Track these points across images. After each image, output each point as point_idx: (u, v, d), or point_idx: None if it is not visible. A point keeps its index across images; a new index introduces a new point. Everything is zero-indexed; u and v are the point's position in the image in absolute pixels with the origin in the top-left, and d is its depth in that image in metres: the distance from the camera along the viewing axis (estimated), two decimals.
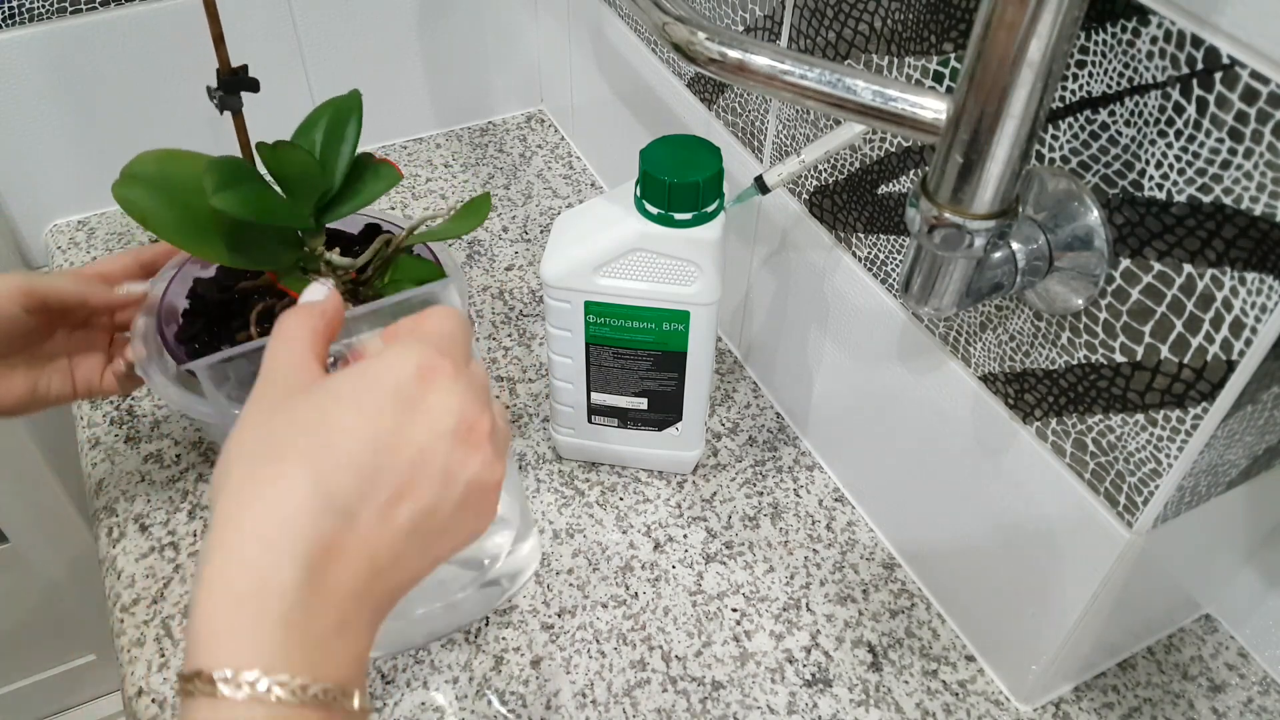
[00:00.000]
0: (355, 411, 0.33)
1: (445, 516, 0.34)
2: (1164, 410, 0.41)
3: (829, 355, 0.65)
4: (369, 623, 0.32)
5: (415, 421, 0.34)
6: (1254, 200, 0.35)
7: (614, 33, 0.81)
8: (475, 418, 0.35)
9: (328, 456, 0.32)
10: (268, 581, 0.30)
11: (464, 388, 0.35)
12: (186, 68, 0.84)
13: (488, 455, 0.35)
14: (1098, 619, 0.51)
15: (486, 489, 0.35)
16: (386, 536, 0.32)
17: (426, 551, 0.34)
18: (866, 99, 0.39)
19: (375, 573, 0.32)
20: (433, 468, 0.33)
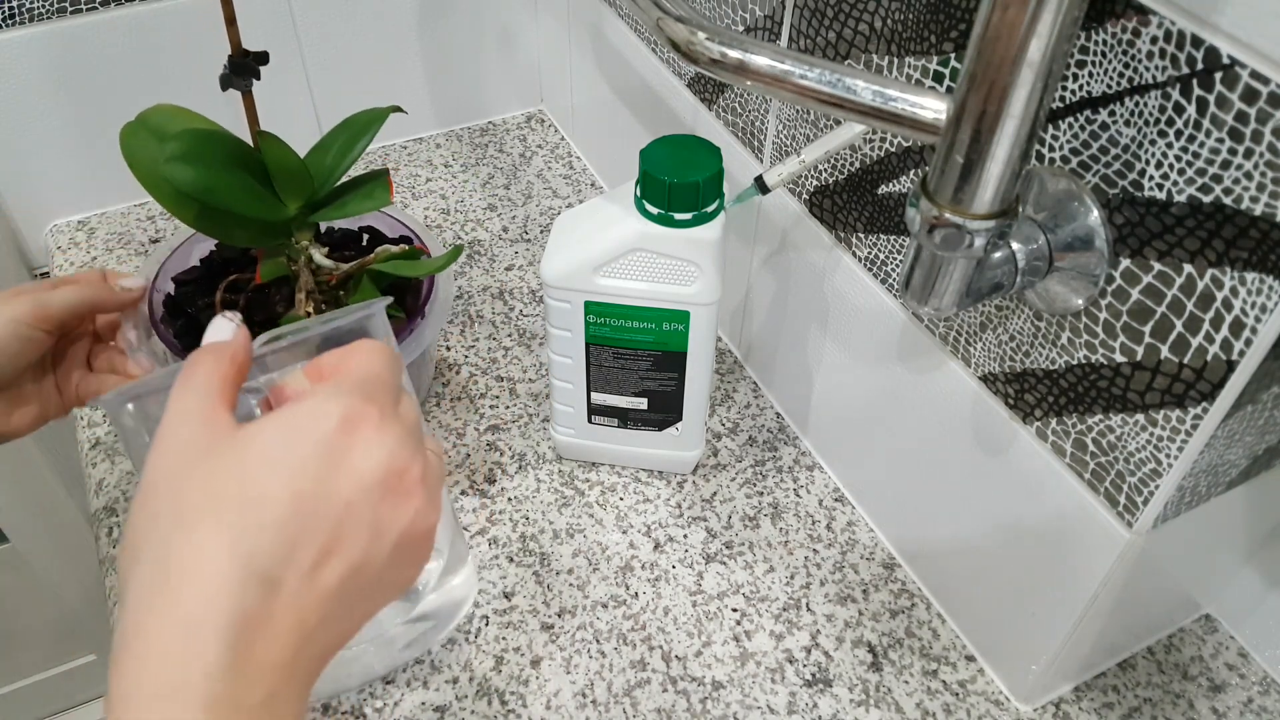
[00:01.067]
0: (273, 470, 0.31)
1: (376, 571, 0.32)
2: (1164, 410, 0.41)
3: (829, 355, 0.65)
4: (299, 692, 0.31)
5: (339, 476, 0.32)
6: (1254, 200, 0.35)
7: (614, 32, 0.81)
8: (405, 464, 0.33)
9: (246, 521, 0.30)
10: (191, 666, 0.28)
11: (392, 435, 0.33)
12: (187, 67, 0.84)
13: (419, 502, 0.33)
14: (1098, 619, 0.51)
15: (420, 536, 0.34)
16: (314, 599, 0.31)
17: (357, 608, 0.33)
18: (866, 99, 0.39)
19: (304, 638, 0.30)
20: (360, 522, 0.32)
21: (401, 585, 0.34)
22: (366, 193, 0.61)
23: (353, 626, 0.33)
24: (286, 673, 0.30)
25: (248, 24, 0.83)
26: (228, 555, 0.30)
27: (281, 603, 0.30)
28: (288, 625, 0.30)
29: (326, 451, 0.32)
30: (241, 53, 0.61)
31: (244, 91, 0.61)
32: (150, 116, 0.58)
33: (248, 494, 0.31)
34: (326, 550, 0.31)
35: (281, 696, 0.30)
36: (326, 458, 0.32)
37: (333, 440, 0.32)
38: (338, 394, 0.33)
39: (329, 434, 0.32)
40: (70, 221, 0.88)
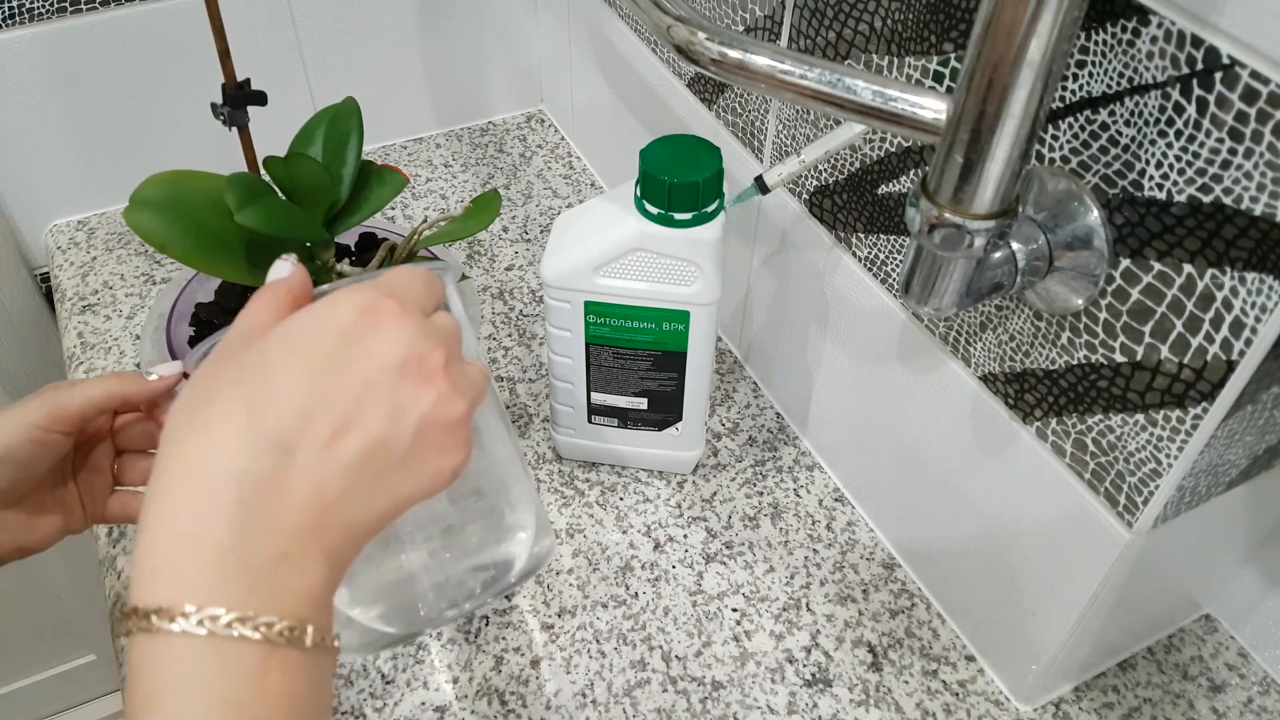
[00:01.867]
0: (290, 350, 0.33)
1: (401, 452, 0.33)
2: (1164, 410, 0.41)
3: (829, 355, 0.65)
4: (320, 558, 0.32)
5: (356, 356, 0.33)
6: (1254, 200, 0.35)
7: (614, 33, 0.81)
8: (425, 351, 0.34)
9: (262, 393, 0.32)
10: (204, 519, 0.30)
11: (413, 324, 0.34)
12: (187, 67, 0.84)
13: (443, 389, 0.34)
14: (1098, 619, 0.51)
15: (445, 424, 0.34)
16: (333, 470, 0.32)
17: (385, 489, 0.33)
18: (866, 99, 0.39)
19: (323, 508, 0.31)
20: (379, 401, 0.33)
21: (433, 474, 0.34)
22: (380, 180, 0.60)
23: (383, 507, 0.33)
24: (303, 538, 0.31)
25: (247, 26, 0.83)
26: (243, 422, 0.31)
27: (298, 469, 0.31)
28: (304, 492, 0.31)
29: (342, 336, 0.33)
30: (236, 85, 0.60)
31: (240, 126, 0.61)
32: (146, 193, 0.55)
33: (266, 372, 0.32)
34: (344, 424, 0.32)
35: (296, 560, 0.31)
36: (342, 341, 0.33)
37: (350, 326, 0.33)
38: (359, 289, 0.35)
39: (347, 321, 0.34)
40: (70, 221, 0.88)
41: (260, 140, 0.67)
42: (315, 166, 0.56)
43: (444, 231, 0.61)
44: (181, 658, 0.29)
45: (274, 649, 0.29)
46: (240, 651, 0.29)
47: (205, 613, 0.29)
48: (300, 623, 0.30)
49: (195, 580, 0.29)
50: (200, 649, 0.29)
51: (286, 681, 0.30)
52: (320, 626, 0.31)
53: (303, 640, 0.30)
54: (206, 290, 0.66)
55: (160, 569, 0.30)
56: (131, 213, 0.54)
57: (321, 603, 0.32)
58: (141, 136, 0.86)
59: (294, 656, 0.30)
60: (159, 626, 0.28)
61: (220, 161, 0.67)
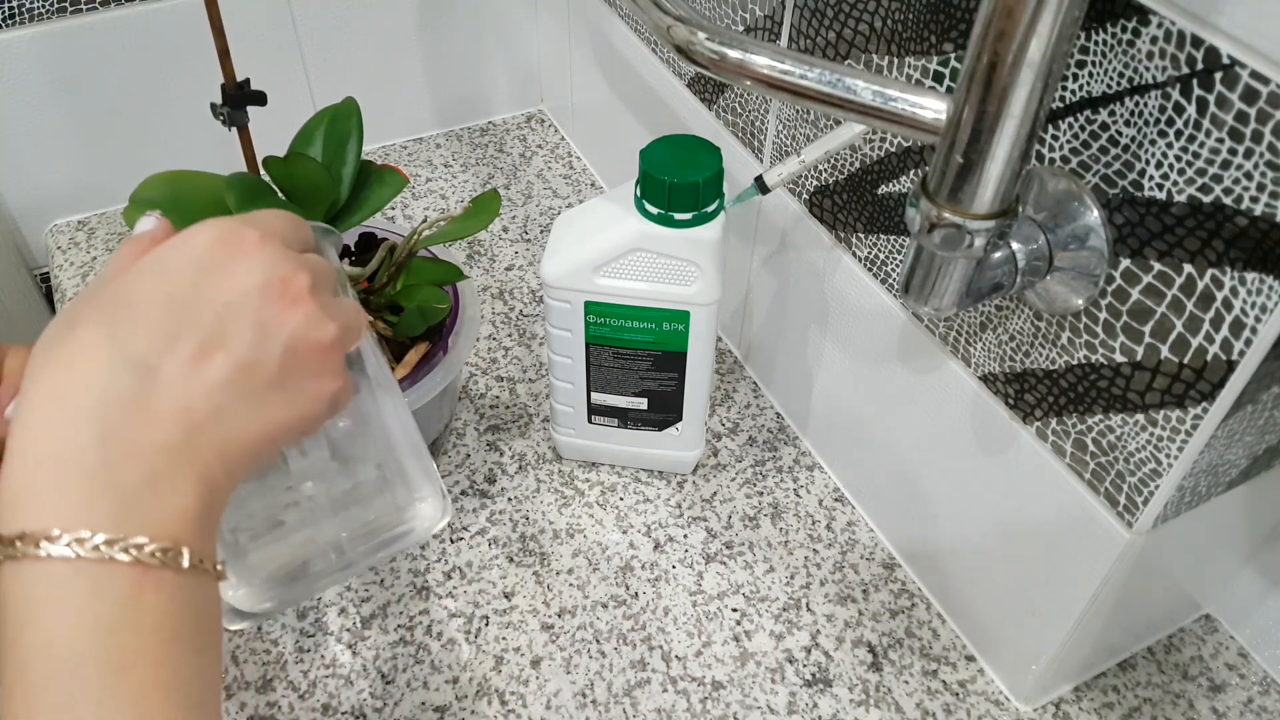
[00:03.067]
0: (150, 278, 0.33)
1: (271, 373, 0.33)
2: (1164, 410, 0.41)
3: (829, 355, 0.65)
4: (193, 479, 0.31)
5: (216, 281, 0.33)
6: (1254, 200, 0.35)
7: (614, 33, 0.81)
8: (289, 273, 0.34)
9: (123, 318, 0.32)
10: (67, 441, 0.29)
11: (273, 251, 0.34)
12: (187, 67, 0.84)
13: (311, 310, 0.34)
14: (1098, 619, 0.51)
15: (316, 347, 0.34)
16: (199, 389, 0.31)
17: (260, 411, 0.33)
18: (866, 99, 0.39)
19: (191, 427, 0.31)
20: (243, 321, 0.33)
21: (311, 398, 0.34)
22: (380, 180, 0.60)
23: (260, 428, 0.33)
24: (173, 456, 0.31)
25: (247, 26, 0.83)
26: (102, 343, 0.31)
27: (162, 387, 0.31)
28: (170, 409, 0.31)
29: (201, 262, 0.33)
30: (236, 85, 0.60)
31: (239, 126, 0.60)
32: (145, 193, 0.56)
33: (124, 296, 0.33)
34: (208, 344, 0.32)
35: (166, 479, 0.30)
36: (201, 266, 0.33)
37: (208, 253, 0.34)
38: (217, 221, 0.35)
39: (204, 248, 0.34)
40: (70, 221, 0.88)
41: (260, 140, 0.67)
42: (315, 166, 0.56)
43: (444, 231, 0.61)
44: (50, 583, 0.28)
45: (147, 570, 0.29)
46: (111, 574, 0.28)
47: (72, 535, 0.28)
48: (175, 544, 0.30)
49: (61, 503, 0.29)
50: (69, 573, 0.28)
51: (162, 603, 0.29)
52: (197, 549, 0.31)
53: (178, 562, 0.30)
54: None
55: (26, 494, 0.29)
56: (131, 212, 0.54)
57: (197, 525, 0.31)
58: (141, 136, 0.86)
59: (170, 578, 0.29)
60: (24, 552, 0.28)
61: (220, 161, 0.67)
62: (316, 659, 0.59)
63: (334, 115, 0.60)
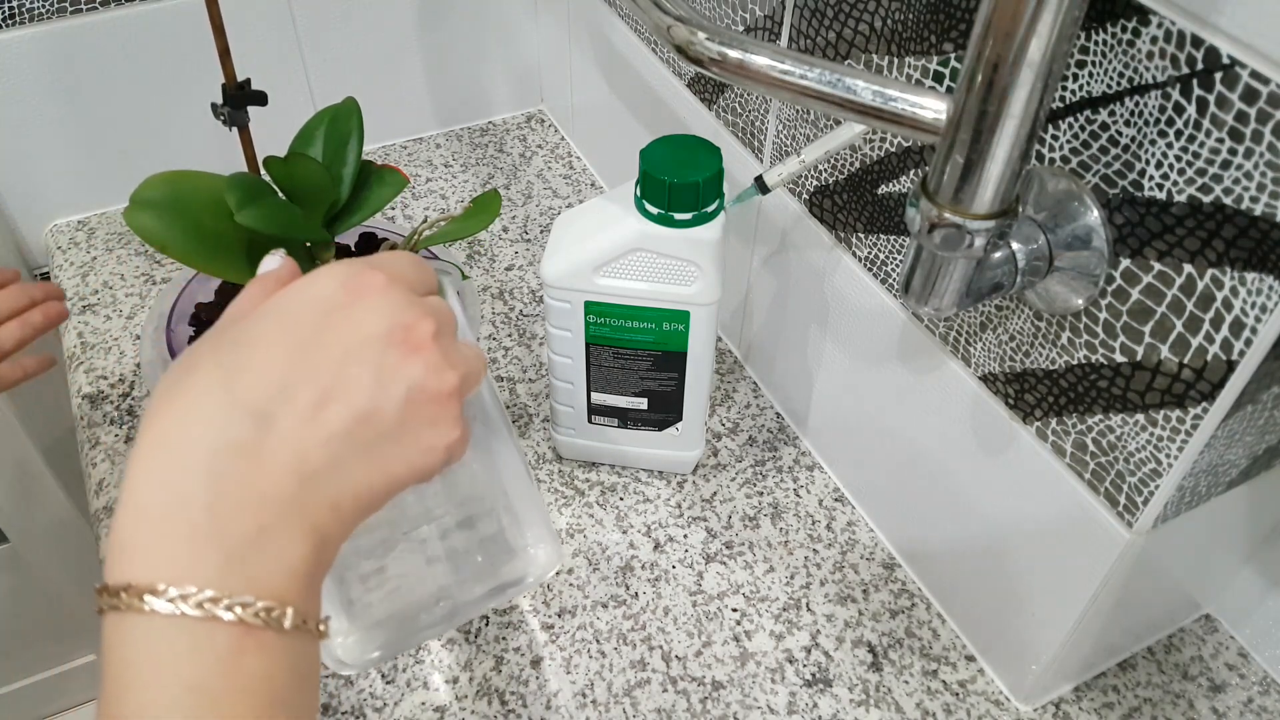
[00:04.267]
0: (272, 323, 0.32)
1: (389, 423, 0.32)
2: (1164, 410, 0.41)
3: (829, 355, 0.65)
4: (302, 534, 0.30)
5: (339, 326, 0.32)
6: (1254, 200, 0.35)
7: (614, 33, 0.81)
8: (413, 320, 0.33)
9: (241, 363, 0.31)
10: (177, 492, 0.28)
11: (399, 295, 0.33)
12: (187, 67, 0.84)
13: (432, 359, 0.33)
14: (1098, 619, 0.51)
15: (436, 396, 0.33)
16: (315, 440, 0.30)
17: (374, 462, 0.32)
18: (866, 99, 0.39)
19: (305, 477, 0.30)
20: (364, 369, 0.32)
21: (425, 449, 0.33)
22: (380, 180, 0.60)
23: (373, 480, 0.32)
24: (283, 510, 0.29)
25: (247, 26, 0.83)
26: (220, 391, 0.30)
27: (276, 438, 0.30)
28: (283, 460, 0.30)
29: (325, 307, 0.32)
30: (236, 85, 0.60)
31: (240, 126, 0.60)
32: (145, 193, 0.56)
33: (246, 343, 0.32)
34: (327, 393, 0.31)
35: (275, 534, 0.29)
36: (325, 312, 0.32)
37: (333, 297, 0.33)
38: (344, 265, 0.34)
39: (330, 292, 0.33)
40: (70, 221, 0.88)
41: (260, 140, 0.67)
42: (315, 166, 0.56)
43: (444, 231, 0.61)
44: (151, 638, 0.27)
45: (249, 630, 0.28)
46: (212, 632, 0.27)
47: (177, 591, 0.27)
48: (279, 603, 0.29)
49: (167, 556, 0.28)
50: (170, 629, 0.27)
51: (262, 665, 0.28)
52: (302, 609, 0.29)
53: (281, 622, 0.29)
54: (206, 290, 0.66)
55: (132, 544, 0.28)
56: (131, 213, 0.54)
57: (304, 583, 0.30)
58: (141, 136, 0.86)
59: (271, 639, 0.28)
60: (129, 604, 0.27)
61: (220, 161, 0.67)
62: None
63: (334, 115, 0.60)
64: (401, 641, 0.55)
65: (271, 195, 0.55)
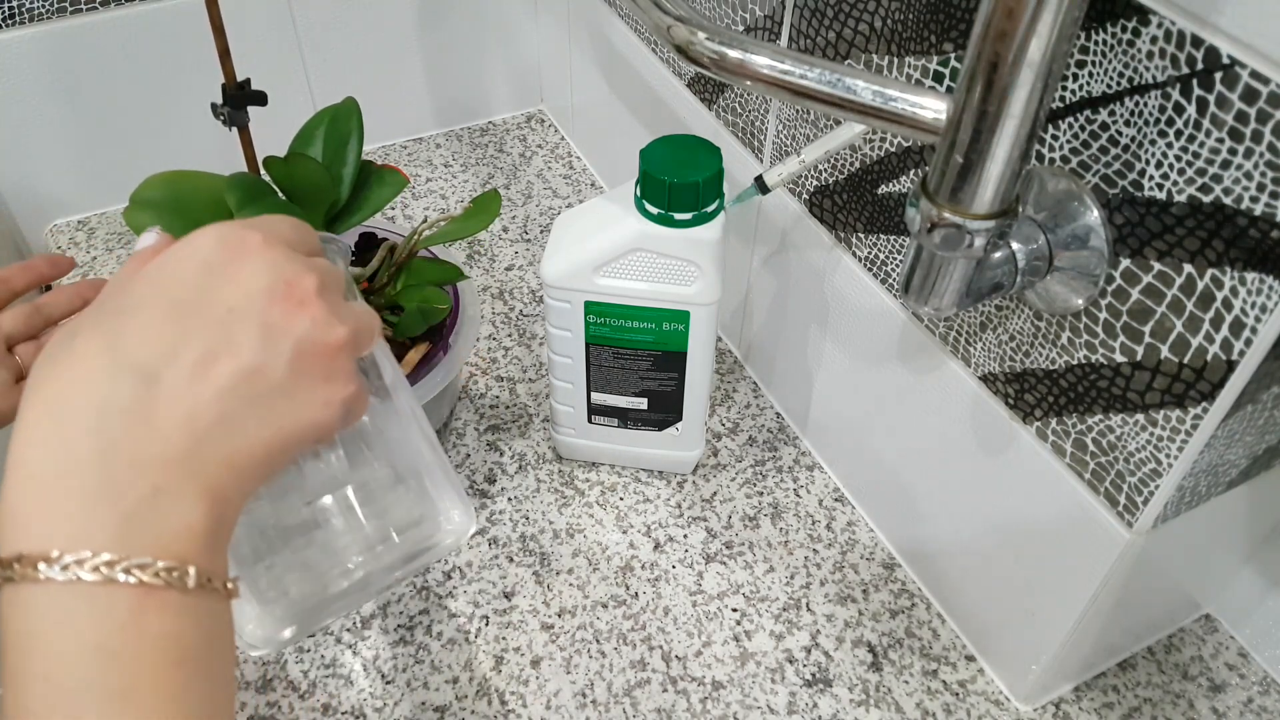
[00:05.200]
0: (151, 285, 0.32)
1: (279, 378, 0.31)
2: (1164, 410, 0.41)
3: (829, 355, 0.65)
4: (199, 493, 0.29)
5: (220, 286, 0.32)
6: (1254, 200, 0.35)
7: (614, 33, 0.81)
8: (294, 275, 0.33)
9: (123, 325, 0.31)
10: (65, 457, 0.28)
11: (279, 253, 0.33)
12: (187, 67, 0.84)
13: (319, 313, 0.33)
14: (1098, 619, 0.51)
15: (324, 349, 0.33)
16: (204, 396, 0.30)
17: (268, 418, 0.31)
18: (866, 99, 0.39)
19: (197, 436, 0.30)
20: (248, 325, 0.31)
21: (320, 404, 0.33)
22: (380, 180, 0.60)
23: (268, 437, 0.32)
24: (177, 470, 0.29)
25: (247, 25, 0.83)
26: (101, 352, 0.30)
27: (164, 396, 0.30)
28: (173, 419, 0.30)
29: (205, 267, 0.32)
30: (236, 85, 0.60)
31: (240, 126, 0.60)
32: (145, 193, 0.56)
33: (125, 304, 0.31)
34: (212, 351, 0.31)
35: (170, 494, 0.29)
36: (204, 271, 0.32)
37: (211, 258, 0.32)
38: (219, 226, 0.34)
39: (208, 252, 0.32)
40: (70, 221, 0.88)
41: (260, 140, 0.67)
42: (315, 166, 0.56)
43: (444, 231, 0.61)
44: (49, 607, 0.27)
45: (150, 592, 0.28)
46: (112, 596, 0.27)
47: (72, 556, 0.27)
48: (180, 562, 0.28)
49: (59, 522, 0.27)
50: (69, 596, 0.27)
51: (167, 625, 0.28)
52: (205, 568, 0.29)
53: (184, 581, 0.28)
54: None
55: (23, 512, 0.28)
56: (131, 213, 0.54)
57: (205, 542, 0.30)
58: (141, 136, 0.86)
59: (175, 599, 0.28)
60: (24, 574, 0.27)
61: (220, 161, 0.67)
62: (316, 659, 0.59)
63: (334, 115, 0.60)
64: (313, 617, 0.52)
65: (271, 195, 0.55)
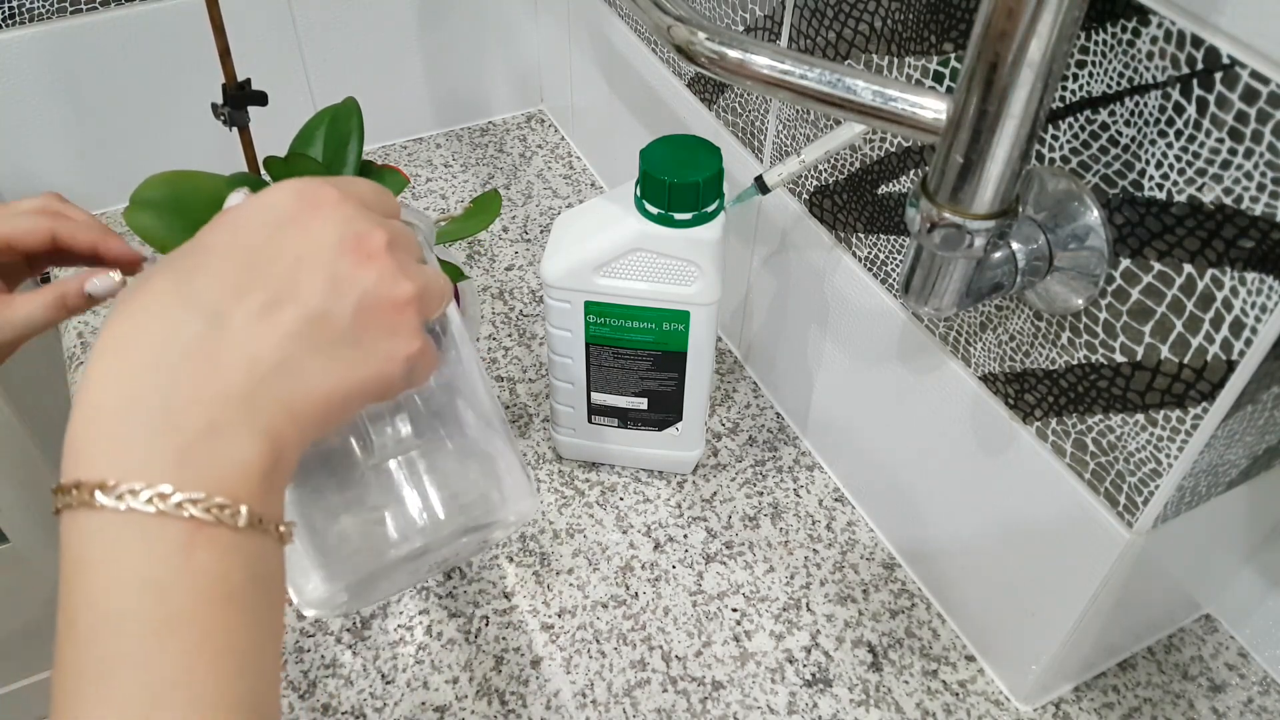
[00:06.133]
0: (225, 232, 0.32)
1: (342, 327, 0.32)
2: (1164, 410, 0.41)
3: (829, 355, 0.65)
4: (256, 432, 0.30)
5: (291, 235, 0.32)
6: (1254, 200, 0.35)
7: (614, 33, 0.81)
8: (365, 230, 0.33)
9: (194, 267, 0.31)
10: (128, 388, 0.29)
11: (351, 208, 0.34)
12: (188, 67, 0.84)
13: (386, 268, 0.33)
14: (1098, 619, 0.51)
15: (390, 304, 0.33)
16: (268, 339, 0.30)
17: (330, 366, 0.32)
18: (866, 99, 0.39)
19: (258, 376, 0.30)
20: (316, 274, 0.32)
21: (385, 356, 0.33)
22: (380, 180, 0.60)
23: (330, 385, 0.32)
24: (236, 407, 0.29)
25: (247, 25, 0.83)
26: (171, 292, 0.31)
27: (229, 335, 0.30)
28: (236, 359, 0.30)
29: (278, 217, 0.33)
30: (236, 85, 0.59)
31: (240, 126, 0.60)
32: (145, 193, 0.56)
33: (198, 250, 0.32)
34: (278, 296, 0.31)
35: (229, 430, 0.29)
36: (277, 222, 0.33)
37: (286, 208, 0.33)
38: (299, 180, 0.34)
39: (282, 204, 0.33)
40: None
41: (260, 140, 0.67)
42: (316, 166, 0.56)
43: (444, 231, 0.61)
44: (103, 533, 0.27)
45: (201, 527, 0.28)
46: (163, 527, 0.27)
47: (126, 486, 0.27)
48: (233, 500, 0.28)
49: (120, 453, 0.28)
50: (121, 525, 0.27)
51: (215, 562, 0.28)
52: (258, 508, 0.29)
53: (235, 520, 0.28)
54: None
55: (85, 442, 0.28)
56: (131, 213, 0.54)
57: (259, 483, 0.30)
58: (141, 136, 0.86)
59: (225, 536, 0.28)
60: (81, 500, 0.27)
61: (220, 161, 0.66)
62: (316, 659, 0.59)
63: (334, 115, 0.60)
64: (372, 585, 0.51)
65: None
